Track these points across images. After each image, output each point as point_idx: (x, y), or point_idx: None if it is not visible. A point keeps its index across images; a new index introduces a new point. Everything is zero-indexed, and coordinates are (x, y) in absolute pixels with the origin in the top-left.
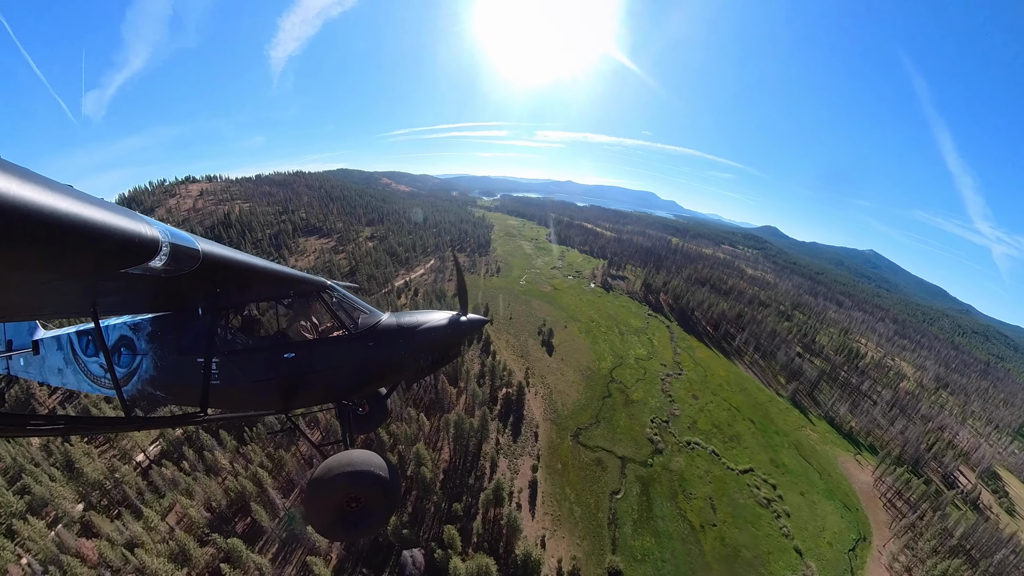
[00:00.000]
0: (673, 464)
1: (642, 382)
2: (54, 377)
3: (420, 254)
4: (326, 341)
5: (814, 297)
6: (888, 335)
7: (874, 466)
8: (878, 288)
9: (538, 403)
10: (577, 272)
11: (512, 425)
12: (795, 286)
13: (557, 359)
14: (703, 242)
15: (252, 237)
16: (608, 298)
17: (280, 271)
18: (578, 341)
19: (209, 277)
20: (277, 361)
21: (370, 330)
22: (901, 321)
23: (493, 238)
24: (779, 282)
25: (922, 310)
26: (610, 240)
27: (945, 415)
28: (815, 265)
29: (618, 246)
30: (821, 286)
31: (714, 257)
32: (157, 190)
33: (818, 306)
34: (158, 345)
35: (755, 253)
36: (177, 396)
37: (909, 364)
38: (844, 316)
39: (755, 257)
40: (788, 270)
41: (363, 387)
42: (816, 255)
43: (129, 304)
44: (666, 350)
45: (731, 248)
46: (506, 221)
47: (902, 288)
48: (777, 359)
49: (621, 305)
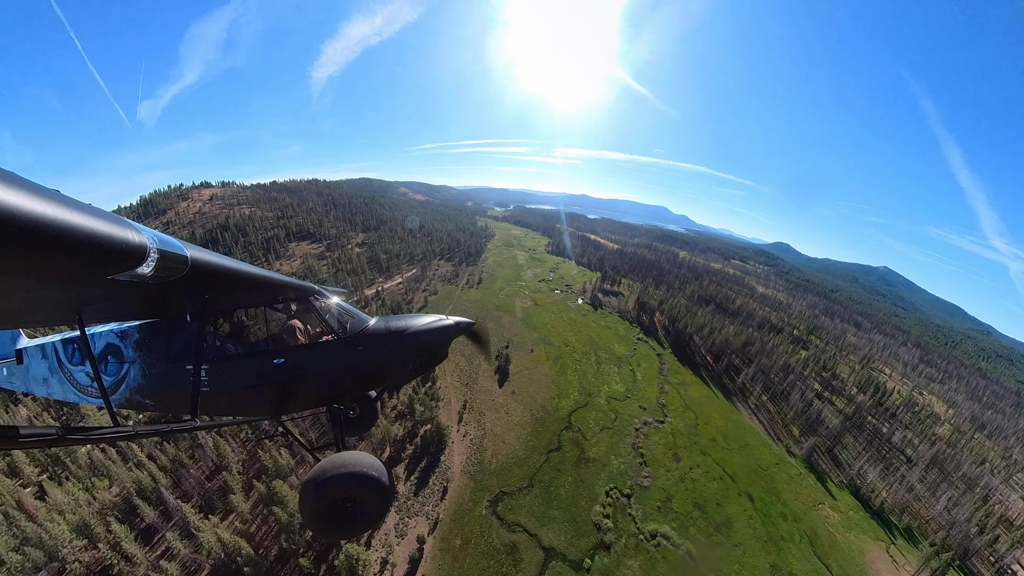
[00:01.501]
0: (622, 573)
1: (609, 432)
2: (39, 387)
3: (404, 262)
4: (316, 346)
5: (831, 318)
6: (913, 363)
7: (914, 568)
8: (894, 307)
9: (463, 448)
10: (567, 286)
11: (421, 472)
12: (810, 306)
13: (507, 392)
14: (712, 256)
15: (245, 240)
16: (594, 317)
17: (269, 277)
18: (540, 370)
19: (197, 283)
20: (267, 367)
21: (359, 334)
22: (924, 345)
23: (489, 247)
24: (792, 302)
25: (942, 331)
26: (611, 252)
27: (988, 471)
28: (829, 282)
29: (619, 259)
30: (837, 305)
31: (723, 273)
32: (173, 193)
33: (835, 329)
34: (146, 352)
35: (766, 270)
36: (166, 404)
37: (939, 400)
38: (864, 340)
39: (766, 274)
40: (801, 288)
41: (353, 390)
42: (829, 272)
43: (116, 311)
44: (651, 386)
45: (741, 264)
46: (510, 231)
47: (918, 306)
48: (790, 402)
49: (607, 326)
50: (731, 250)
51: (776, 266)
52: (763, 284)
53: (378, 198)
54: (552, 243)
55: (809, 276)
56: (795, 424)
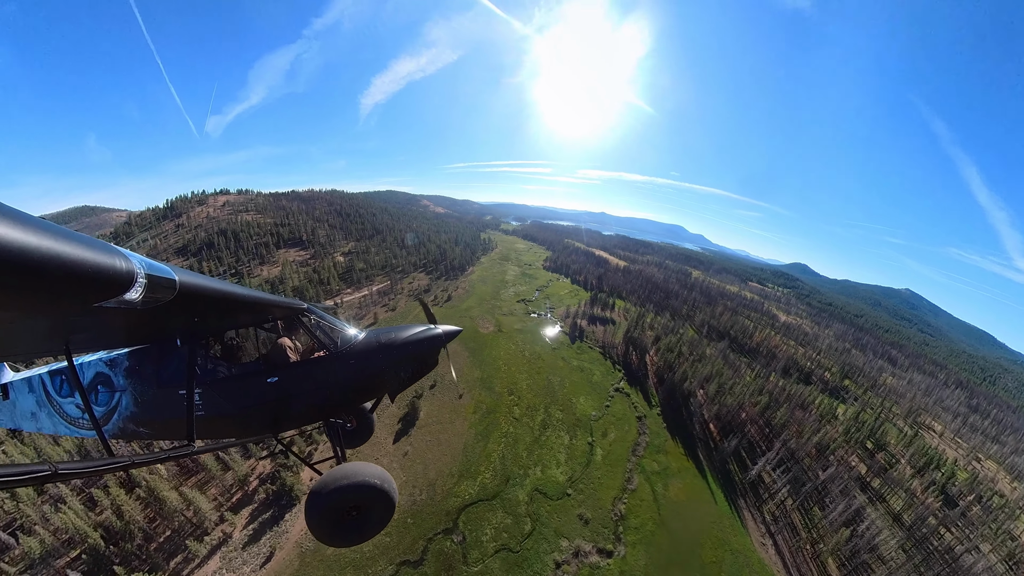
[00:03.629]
0: None
1: (505, 558)
2: (27, 422)
3: (380, 273)
4: (308, 363)
5: (862, 351)
6: (960, 411)
7: None
8: (921, 332)
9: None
10: (550, 308)
11: (260, 524)
12: (837, 336)
13: (399, 451)
14: (728, 278)
15: (237, 245)
16: (567, 352)
17: (258, 297)
18: (456, 427)
19: (186, 306)
20: (261, 386)
21: (350, 348)
22: (965, 384)
23: (482, 260)
24: (818, 331)
25: (977, 363)
26: (613, 270)
27: None
28: (852, 306)
29: (621, 278)
30: (867, 335)
31: (739, 297)
32: (192, 199)
33: (871, 368)
34: (137, 380)
35: (786, 292)
36: (161, 431)
37: (1001, 468)
38: (903, 383)
39: (787, 298)
40: (826, 314)
41: (348, 404)
42: (851, 294)
43: (105, 339)
44: (612, 475)
45: (760, 286)
46: (514, 244)
47: (946, 333)
48: (826, 509)
49: (580, 367)
50: (748, 271)
51: (795, 288)
52: (784, 310)
53: (390, 209)
54: (551, 258)
55: (831, 299)
56: (834, 555)
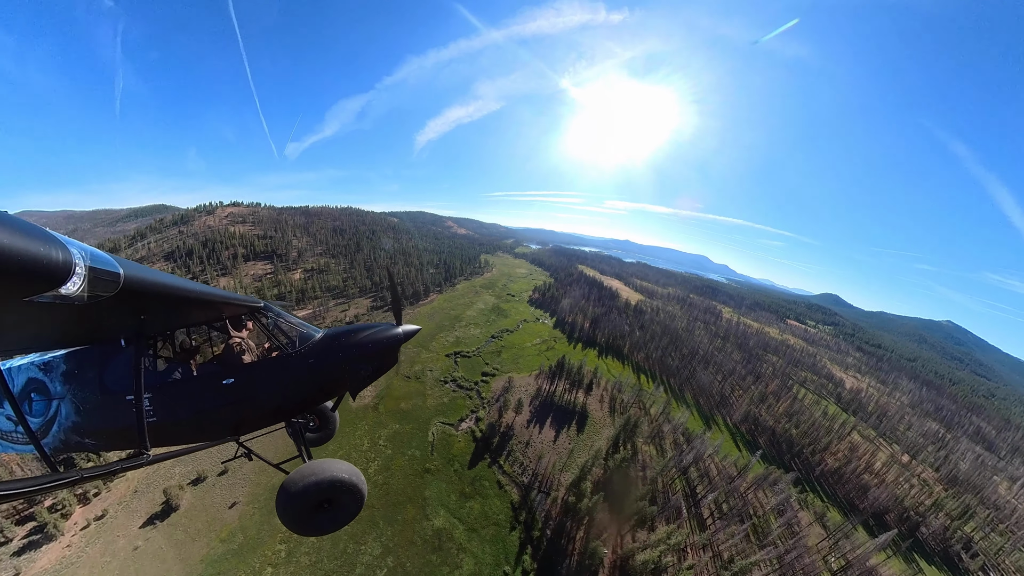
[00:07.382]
0: None
1: None
2: None
3: (324, 295)
4: (266, 362)
5: (946, 428)
6: None
7: None
8: (975, 375)
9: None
10: (495, 370)
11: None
12: (912, 401)
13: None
14: (763, 316)
15: (209, 254)
16: (445, 511)
17: (211, 293)
18: None
19: (132, 302)
20: (217, 388)
21: (309, 347)
22: None
23: (456, 287)
24: (887, 397)
25: None
26: (621, 308)
27: None
28: (900, 345)
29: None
30: (942, 396)
31: (782, 345)
32: (202, 210)
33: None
34: (77, 385)
35: (829, 331)
36: (109, 441)
37: None
38: (1020, 493)
39: (836, 342)
40: (884, 362)
41: (308, 403)
42: (892, 329)
43: (36, 339)
44: None
45: (799, 325)
46: (514, 269)
47: (1002, 374)
48: None
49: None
50: (781, 305)
51: (835, 324)
52: (838, 361)
53: (400, 226)
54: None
55: (877, 337)
56: None
